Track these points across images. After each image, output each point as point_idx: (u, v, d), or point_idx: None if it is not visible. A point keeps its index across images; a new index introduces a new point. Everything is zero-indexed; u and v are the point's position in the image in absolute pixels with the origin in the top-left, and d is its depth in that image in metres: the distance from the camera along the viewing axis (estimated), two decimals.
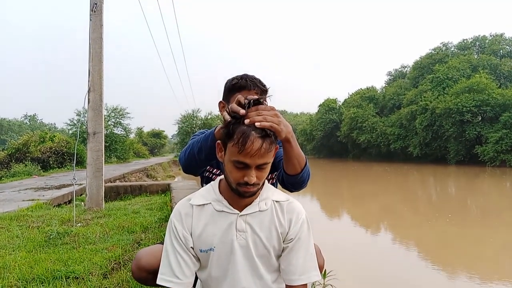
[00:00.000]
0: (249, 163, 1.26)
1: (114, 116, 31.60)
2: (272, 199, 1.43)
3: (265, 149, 1.26)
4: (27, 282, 2.81)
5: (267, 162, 1.30)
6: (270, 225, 1.40)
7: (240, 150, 1.24)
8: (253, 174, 1.27)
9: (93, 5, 6.52)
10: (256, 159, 1.25)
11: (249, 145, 1.23)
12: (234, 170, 1.29)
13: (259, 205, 1.40)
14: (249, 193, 1.32)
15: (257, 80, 1.91)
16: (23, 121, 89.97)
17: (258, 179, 1.30)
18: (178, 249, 1.38)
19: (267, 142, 1.26)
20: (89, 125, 6.50)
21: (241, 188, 1.30)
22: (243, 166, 1.27)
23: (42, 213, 5.96)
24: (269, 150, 1.28)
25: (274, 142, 1.31)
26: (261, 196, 1.41)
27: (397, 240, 9.42)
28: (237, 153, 1.25)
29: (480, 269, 7.10)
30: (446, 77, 40.89)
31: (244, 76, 1.93)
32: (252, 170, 1.27)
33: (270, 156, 1.30)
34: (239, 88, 1.89)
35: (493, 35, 47.33)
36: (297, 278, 1.39)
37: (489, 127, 35.20)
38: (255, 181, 1.29)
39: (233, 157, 1.27)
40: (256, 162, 1.26)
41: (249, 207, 1.40)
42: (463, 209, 14.26)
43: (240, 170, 1.28)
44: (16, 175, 15.29)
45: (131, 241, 4.04)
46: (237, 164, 1.28)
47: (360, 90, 58.31)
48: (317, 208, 14.39)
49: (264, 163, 1.29)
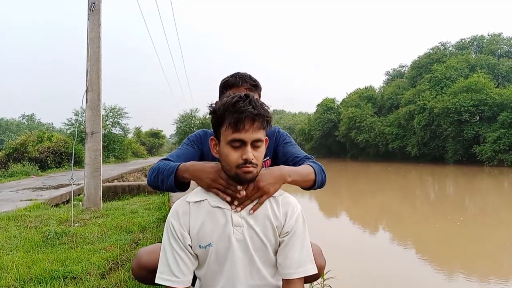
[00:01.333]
0: (244, 138, 1.29)
1: (112, 115, 31.53)
2: None
3: (258, 125, 1.31)
4: (24, 282, 2.80)
5: (261, 139, 1.34)
6: (264, 219, 1.41)
7: (234, 127, 1.29)
8: (249, 150, 1.30)
9: (91, 4, 6.50)
10: (251, 133, 1.29)
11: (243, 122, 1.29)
12: (231, 152, 1.32)
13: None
14: (250, 174, 1.32)
15: (247, 77, 1.93)
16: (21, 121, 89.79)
17: (256, 159, 1.32)
18: (176, 247, 1.39)
19: (259, 121, 1.32)
20: (87, 124, 6.49)
21: (242, 169, 1.31)
22: (239, 144, 1.30)
23: (40, 213, 5.94)
24: (261, 127, 1.33)
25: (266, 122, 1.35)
26: None
27: (395, 239, 9.43)
28: (232, 133, 1.29)
29: (478, 267, 7.11)
30: (444, 77, 40.93)
31: (234, 74, 1.96)
32: (248, 146, 1.30)
33: (263, 133, 1.35)
34: (229, 86, 1.93)
35: (491, 35, 47.39)
36: (294, 271, 1.40)
37: (487, 126, 35.23)
38: (253, 160, 1.30)
39: (229, 137, 1.31)
40: (251, 137, 1.30)
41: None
42: (461, 208, 14.28)
43: (237, 150, 1.31)
44: (14, 175, 15.26)
45: (129, 241, 4.03)
46: (233, 144, 1.31)
47: (358, 89, 58.33)
48: (315, 207, 14.39)
49: (258, 139, 1.32)
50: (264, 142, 1.36)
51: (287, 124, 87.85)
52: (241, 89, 1.89)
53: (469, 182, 23.65)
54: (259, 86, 1.97)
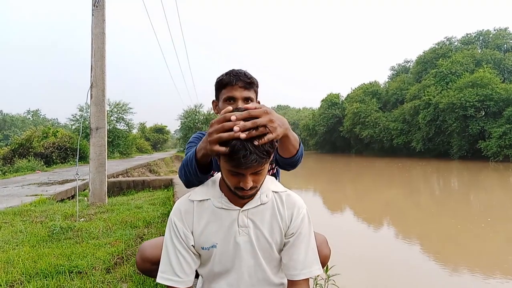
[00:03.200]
0: (243, 172, 1.22)
1: (116, 111, 31.65)
2: (272, 190, 1.43)
3: (259, 164, 1.19)
4: (30, 276, 2.82)
5: (263, 169, 1.26)
6: (271, 219, 1.40)
7: (232, 165, 1.20)
8: (248, 181, 1.24)
9: (95, 0, 6.50)
10: (250, 170, 1.22)
11: (242, 161, 1.16)
12: (229, 176, 1.28)
13: (260, 198, 1.40)
14: (247, 195, 1.31)
15: (241, 74, 1.87)
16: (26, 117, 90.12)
17: (255, 183, 1.27)
18: (178, 247, 1.38)
19: (262, 160, 1.19)
20: (92, 120, 6.50)
21: (239, 192, 1.29)
22: (237, 174, 1.24)
23: (45, 208, 5.97)
24: (264, 163, 1.22)
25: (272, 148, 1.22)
26: (262, 189, 1.40)
27: (400, 235, 9.42)
28: (231, 166, 1.21)
29: (483, 264, 7.09)
30: (450, 72, 40.72)
31: (229, 72, 1.90)
32: (247, 177, 1.24)
33: (266, 164, 1.26)
34: (224, 85, 1.88)
35: (497, 30, 47.07)
36: (299, 273, 1.39)
37: (493, 122, 35.04)
38: (252, 185, 1.26)
39: (227, 167, 1.24)
40: (249, 172, 1.23)
41: (251, 201, 1.39)
42: (467, 204, 14.24)
43: (235, 177, 1.26)
44: (19, 171, 15.33)
45: (134, 236, 4.04)
46: (231, 173, 1.25)
47: (363, 85, 58.18)
48: (320, 203, 14.40)
49: (259, 170, 1.25)
50: (267, 165, 1.28)
51: (291, 119, 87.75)
52: (236, 87, 1.84)
53: (474, 178, 23.55)
54: (255, 83, 1.90)
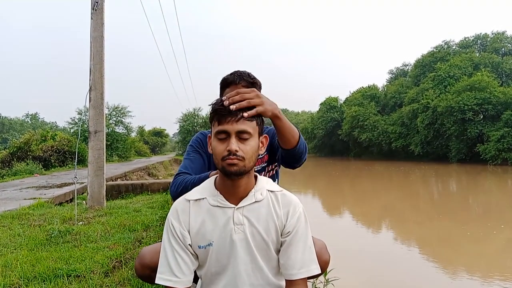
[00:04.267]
0: (228, 129, 1.30)
1: (115, 114, 31.59)
2: (267, 189, 1.43)
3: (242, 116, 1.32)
4: (28, 280, 2.81)
5: (247, 131, 1.32)
6: (267, 217, 1.39)
7: (218, 119, 1.32)
8: (233, 142, 1.29)
9: (94, 3, 6.51)
10: (235, 124, 1.30)
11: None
12: (217, 144, 1.32)
13: (255, 196, 1.40)
14: (234, 167, 1.30)
15: (245, 74, 1.96)
16: (25, 120, 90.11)
17: (242, 151, 1.30)
18: (176, 247, 1.38)
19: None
20: (91, 123, 6.50)
21: (226, 161, 1.30)
22: (225, 136, 1.31)
23: (43, 211, 5.96)
24: (247, 119, 1.33)
25: (254, 117, 1.35)
26: (256, 187, 1.41)
27: (399, 239, 9.42)
28: (218, 125, 1.31)
29: (481, 267, 7.09)
30: (448, 75, 40.86)
31: (233, 72, 1.99)
32: (233, 137, 1.30)
33: (250, 126, 1.33)
34: (228, 84, 1.97)
35: (495, 33, 47.25)
36: (296, 272, 1.38)
37: (491, 125, 35.15)
38: (238, 152, 1.29)
39: (215, 129, 1.32)
40: (235, 128, 1.30)
41: (245, 199, 1.39)
42: (465, 207, 14.24)
43: (222, 142, 1.31)
44: (17, 174, 15.28)
45: (133, 239, 4.04)
46: (218, 136, 1.31)
47: (362, 88, 58.28)
48: (319, 206, 14.39)
49: (243, 131, 1.31)
50: (253, 135, 1.34)
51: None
52: (239, 86, 1.90)
53: (472, 181, 23.58)
54: (258, 83, 1.97)
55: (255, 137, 1.35)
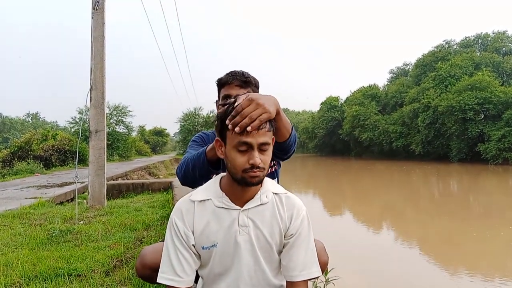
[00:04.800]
0: (251, 141, 1.26)
1: (116, 114, 31.59)
2: (272, 191, 1.43)
3: (264, 128, 1.28)
4: (29, 279, 2.82)
5: (268, 143, 1.31)
6: (272, 219, 1.40)
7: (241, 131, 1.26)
8: (257, 155, 1.27)
9: (95, 3, 6.51)
10: (257, 136, 1.26)
11: None
12: (238, 156, 1.29)
13: (260, 199, 1.40)
14: (256, 178, 1.30)
15: (238, 74, 1.96)
16: (26, 119, 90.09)
17: (263, 163, 1.29)
18: (179, 246, 1.37)
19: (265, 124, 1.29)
20: (91, 123, 6.50)
21: (248, 174, 1.29)
22: (246, 148, 1.28)
23: (44, 211, 5.96)
24: (268, 129, 1.30)
25: (271, 123, 1.32)
26: (262, 190, 1.41)
27: (399, 238, 9.42)
28: (239, 136, 1.26)
29: (482, 267, 7.10)
30: (449, 75, 40.79)
31: (228, 72, 2.01)
32: (255, 150, 1.27)
33: (269, 136, 1.31)
34: (223, 84, 1.99)
35: (496, 33, 47.16)
36: (298, 274, 1.39)
37: (492, 125, 35.10)
38: (260, 164, 1.28)
39: (236, 140, 1.28)
40: (257, 141, 1.27)
41: (251, 201, 1.39)
42: (466, 207, 14.24)
43: (244, 154, 1.28)
44: (18, 173, 15.30)
45: (133, 238, 4.04)
46: (240, 147, 1.28)
47: (362, 88, 58.23)
48: (319, 206, 14.40)
49: (265, 143, 1.29)
50: (271, 145, 1.33)
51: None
52: (232, 86, 1.93)
53: (473, 181, 23.57)
54: (252, 82, 1.97)
55: (271, 144, 1.34)
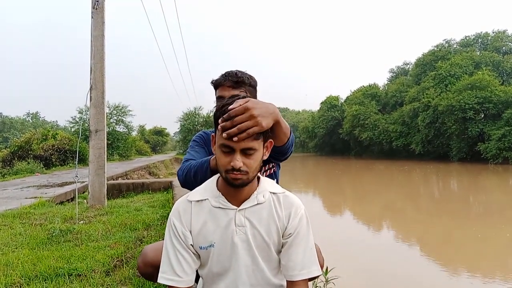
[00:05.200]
0: (233, 145, 1.26)
1: (116, 113, 31.59)
2: (269, 191, 1.43)
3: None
4: (30, 279, 2.82)
5: (253, 148, 1.28)
6: (268, 219, 1.40)
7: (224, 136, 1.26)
8: (238, 158, 1.27)
9: (94, 2, 6.51)
10: (241, 142, 1.25)
11: None
12: (221, 156, 1.31)
13: (257, 198, 1.40)
14: (238, 180, 1.29)
15: (231, 74, 1.97)
16: (26, 119, 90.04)
17: (246, 166, 1.28)
18: (178, 247, 1.38)
19: None
20: (91, 122, 6.49)
21: (229, 175, 1.29)
22: (229, 150, 1.28)
23: (44, 210, 5.96)
24: (255, 137, 1.28)
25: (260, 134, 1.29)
26: (259, 189, 1.41)
27: (399, 238, 9.42)
28: (223, 138, 1.26)
29: (482, 266, 7.10)
30: (449, 74, 40.79)
31: (222, 73, 2.02)
32: (237, 154, 1.27)
33: (257, 143, 1.30)
34: (217, 86, 2.01)
35: (496, 32, 47.16)
36: (298, 273, 1.39)
37: (492, 124, 35.09)
38: (242, 167, 1.27)
39: (220, 141, 1.29)
40: (240, 146, 1.26)
41: (247, 201, 1.39)
42: (466, 206, 14.24)
43: (226, 156, 1.29)
44: (18, 173, 15.30)
45: (134, 238, 4.04)
46: (223, 148, 1.29)
47: (362, 87, 58.25)
48: (319, 205, 14.40)
49: (249, 148, 1.28)
50: (258, 149, 1.30)
51: (290, 122, 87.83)
52: (225, 87, 1.94)
53: (473, 180, 23.56)
54: (246, 81, 1.96)
55: (260, 150, 1.33)
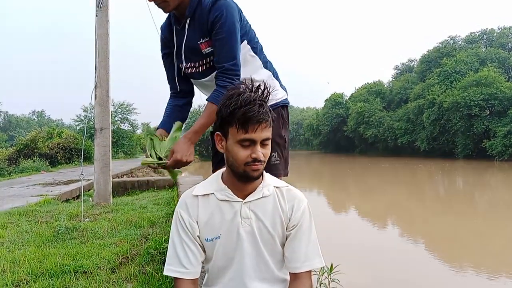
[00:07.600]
0: (254, 138, 1.29)
1: (121, 111, 31.75)
2: (273, 185, 1.45)
3: (266, 124, 1.31)
4: (36, 276, 2.84)
5: (269, 137, 1.34)
6: (273, 211, 1.41)
7: (244, 128, 1.29)
8: (259, 149, 1.31)
9: (99, 1, 6.51)
10: (260, 133, 1.30)
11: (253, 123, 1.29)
12: (240, 150, 1.32)
13: (262, 191, 1.41)
14: (258, 171, 1.33)
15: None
16: (31, 117, 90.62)
17: (263, 156, 1.33)
18: (184, 238, 1.39)
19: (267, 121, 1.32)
20: (96, 121, 6.51)
21: (250, 167, 1.32)
22: (249, 143, 1.30)
23: (50, 208, 5.99)
24: (269, 125, 1.33)
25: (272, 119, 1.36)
26: (264, 183, 1.43)
27: (404, 235, 9.39)
28: (242, 133, 1.29)
29: (488, 263, 7.07)
30: (454, 71, 40.59)
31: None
32: (258, 145, 1.31)
33: (270, 132, 1.35)
34: None
35: (501, 28, 46.92)
36: (300, 265, 1.40)
37: (497, 121, 34.91)
38: (262, 157, 1.32)
39: (238, 137, 1.30)
40: (261, 137, 1.30)
41: (253, 194, 1.41)
42: (472, 203, 14.18)
43: (246, 149, 1.31)
44: (24, 171, 15.40)
45: (139, 235, 4.05)
46: (244, 143, 1.31)
47: (367, 84, 58.11)
48: (324, 203, 14.38)
49: (267, 138, 1.33)
50: (270, 139, 1.37)
51: (295, 119, 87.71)
52: None
53: (479, 177, 23.46)
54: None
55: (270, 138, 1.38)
